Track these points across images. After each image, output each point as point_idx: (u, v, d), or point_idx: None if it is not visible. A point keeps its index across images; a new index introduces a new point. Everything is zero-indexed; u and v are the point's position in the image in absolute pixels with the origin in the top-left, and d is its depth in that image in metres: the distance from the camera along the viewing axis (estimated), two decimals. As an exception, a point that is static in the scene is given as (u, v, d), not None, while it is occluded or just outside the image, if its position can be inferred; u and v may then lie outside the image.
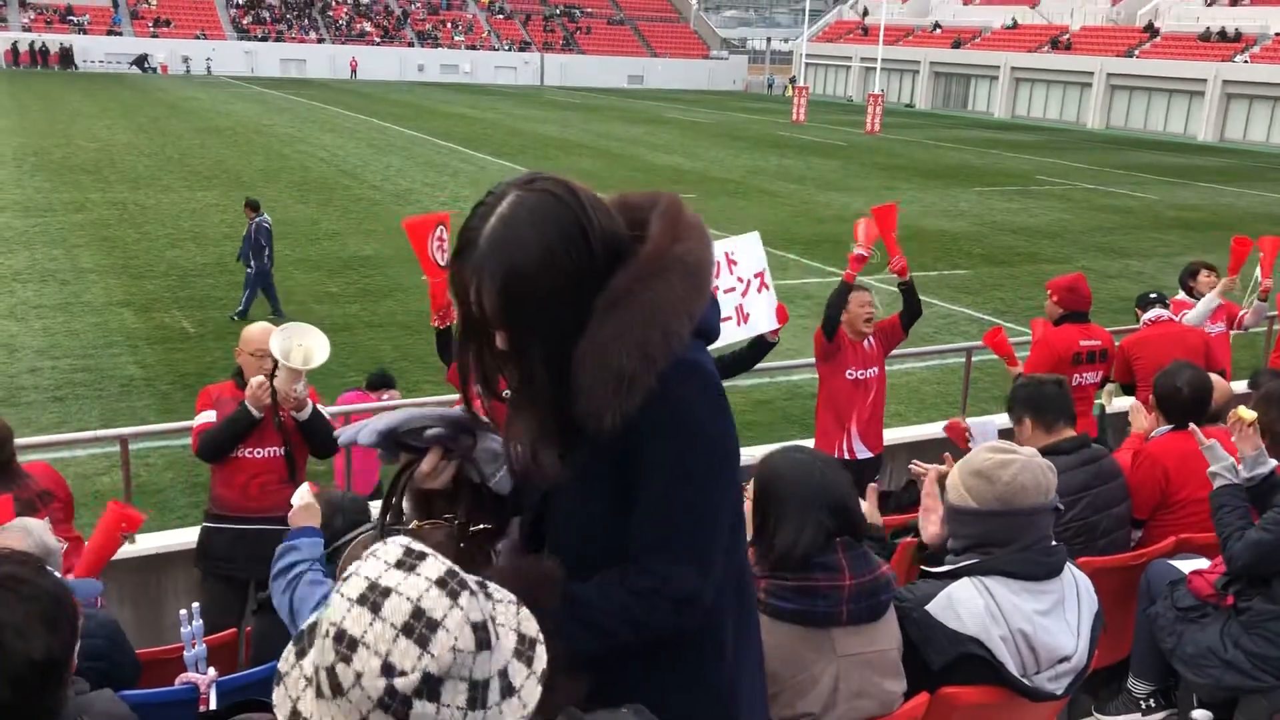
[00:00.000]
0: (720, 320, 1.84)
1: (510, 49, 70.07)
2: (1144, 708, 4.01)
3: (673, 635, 1.73)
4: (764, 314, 5.34)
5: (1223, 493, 3.74)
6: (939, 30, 64.67)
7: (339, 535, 3.05)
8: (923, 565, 2.96)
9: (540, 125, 39.14)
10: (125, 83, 50.98)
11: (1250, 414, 3.74)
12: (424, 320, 7.85)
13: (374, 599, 1.08)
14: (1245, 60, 48.33)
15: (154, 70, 58.97)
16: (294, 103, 44.50)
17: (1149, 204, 25.68)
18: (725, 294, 5.16)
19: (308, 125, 35.53)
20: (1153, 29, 54.28)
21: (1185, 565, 3.92)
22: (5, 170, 22.94)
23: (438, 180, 24.38)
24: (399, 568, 1.11)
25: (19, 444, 4.49)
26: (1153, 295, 6.82)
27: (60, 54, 56.83)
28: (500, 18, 72.93)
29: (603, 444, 1.64)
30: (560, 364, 1.64)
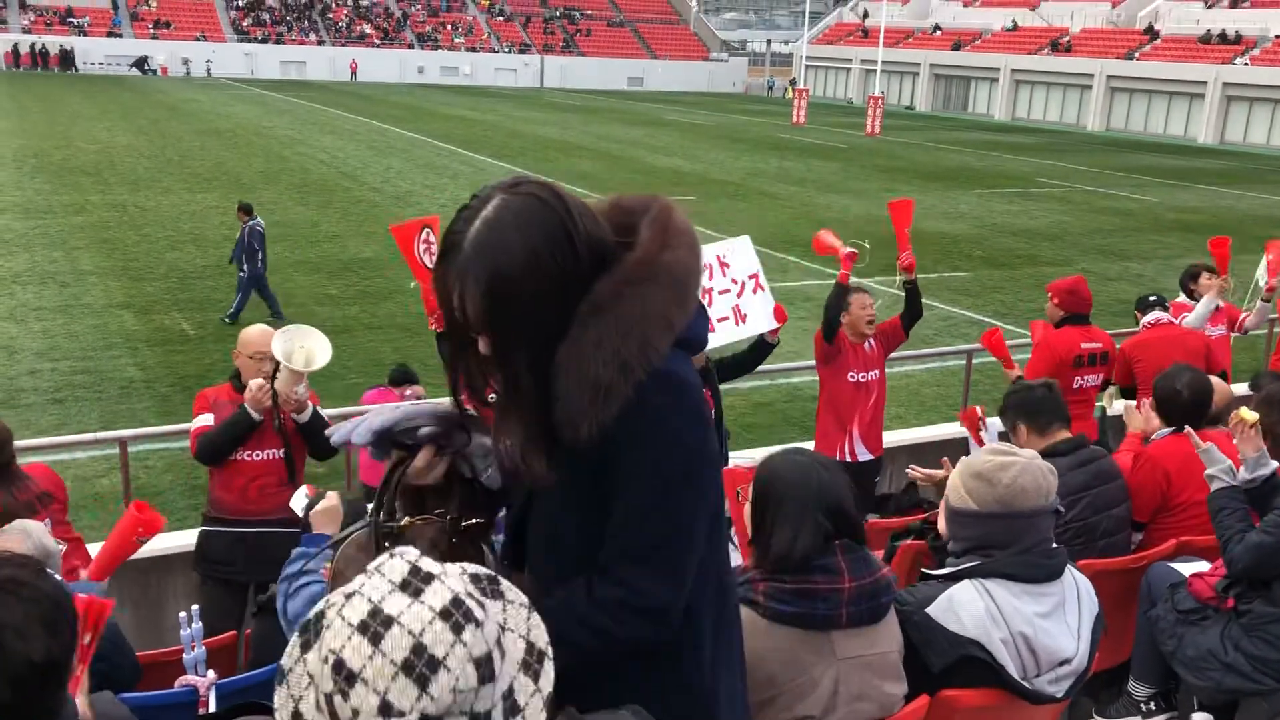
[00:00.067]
0: (707, 330, 1.82)
1: (510, 51, 70.11)
2: (1144, 710, 4.01)
3: (647, 645, 1.70)
4: (762, 314, 5.35)
5: (1220, 495, 3.75)
6: (939, 32, 64.72)
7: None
8: (923, 568, 2.96)
9: (540, 127, 39.15)
10: (125, 85, 51.01)
11: (1252, 415, 3.74)
12: (423, 322, 7.85)
13: (375, 628, 1.04)
14: (1245, 62, 48.36)
15: (154, 72, 59.02)
16: (294, 105, 44.51)
17: (1149, 206, 25.69)
18: (720, 295, 5.18)
19: (308, 127, 35.54)
20: (1153, 31, 54.32)
21: (1186, 568, 3.92)
22: (5, 172, 22.94)
23: (438, 182, 24.38)
24: (404, 590, 1.08)
25: (19, 446, 4.48)
26: (1152, 298, 6.82)
27: (60, 56, 56.88)
28: (500, 20, 72.98)
29: (580, 452, 1.62)
30: (545, 370, 1.63)
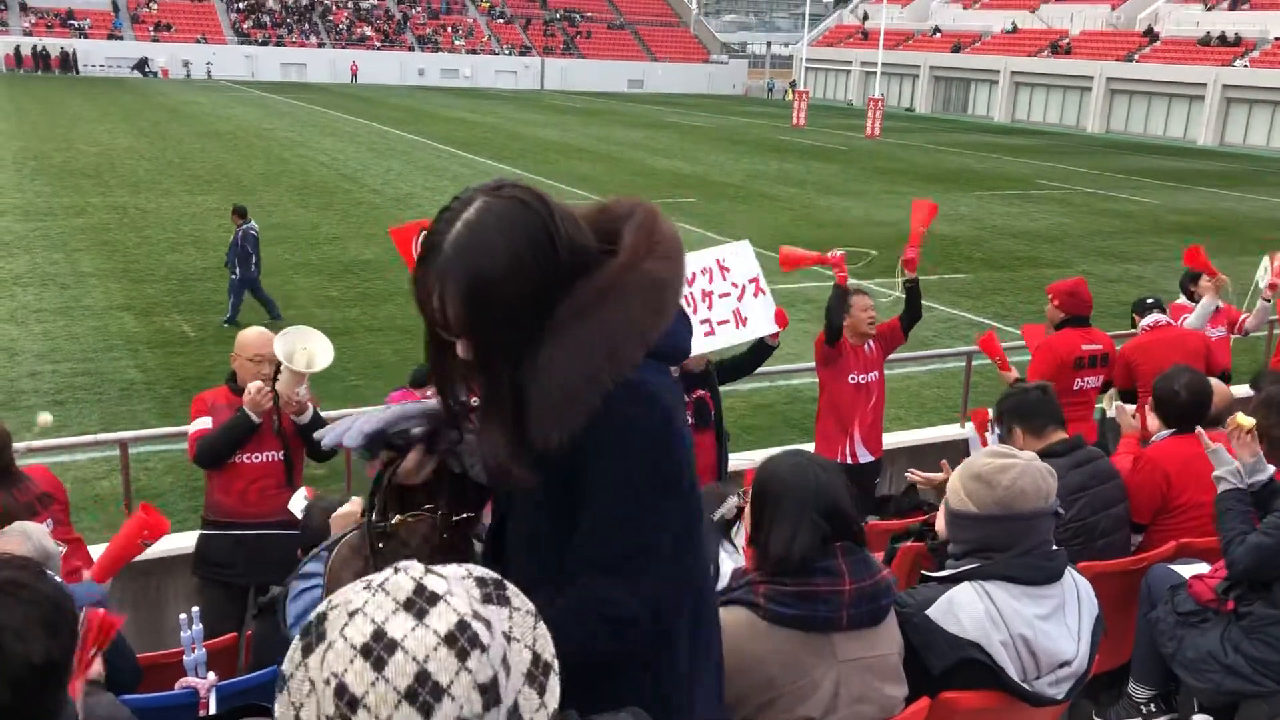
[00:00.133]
0: (688, 340, 1.78)
1: (510, 53, 70.14)
2: (1145, 712, 4.00)
3: (618, 655, 1.69)
4: (763, 317, 5.37)
5: (1227, 497, 3.73)
6: (939, 35, 64.74)
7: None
8: (922, 570, 2.96)
9: (540, 129, 39.16)
10: (126, 87, 51.03)
11: (1248, 421, 3.73)
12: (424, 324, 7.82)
13: (378, 652, 1.01)
14: (1245, 64, 48.38)
15: (155, 74, 59.06)
16: (294, 107, 44.53)
17: (1149, 208, 25.68)
18: (721, 298, 5.20)
19: (308, 129, 35.55)
20: (1152, 33, 54.34)
21: (1186, 570, 3.92)
22: (6, 174, 22.95)
23: (438, 184, 24.38)
24: (408, 610, 1.04)
25: (18, 448, 4.48)
26: (1149, 300, 6.82)
27: (61, 58, 56.93)
28: (500, 22, 73.01)
29: (551, 459, 1.60)
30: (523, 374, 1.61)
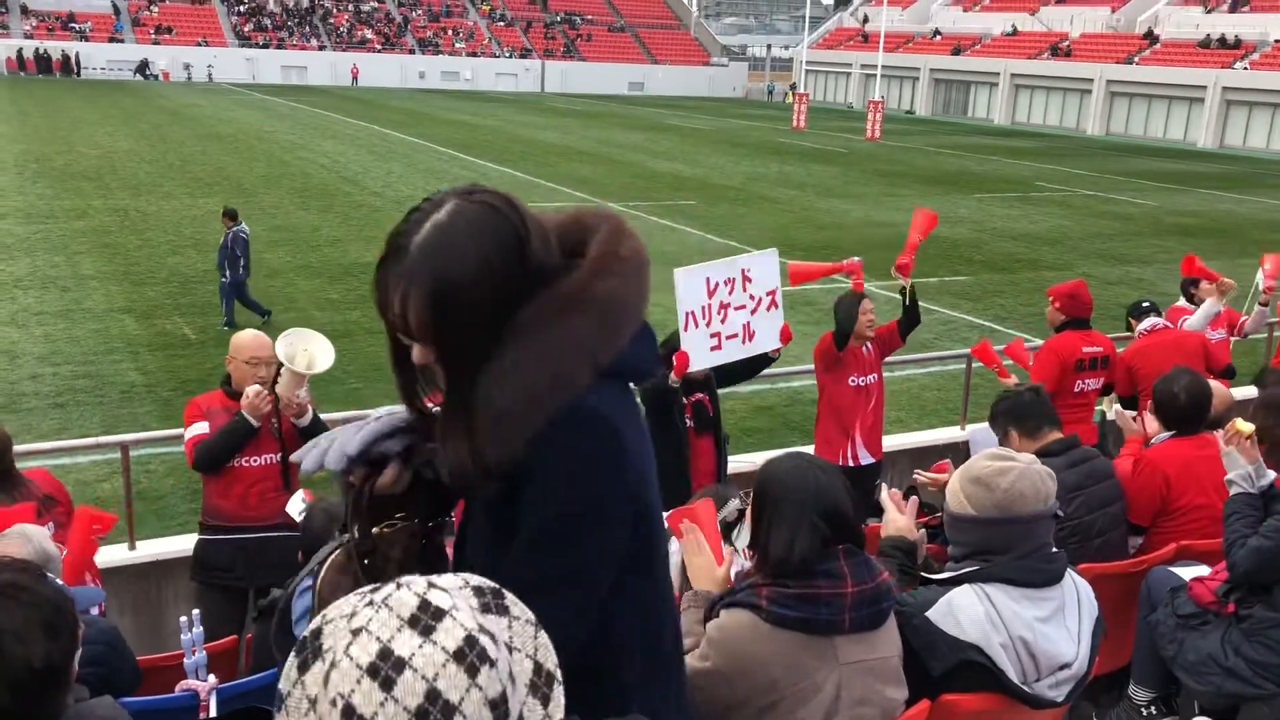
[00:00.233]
0: (651, 358, 1.71)
1: (511, 56, 70.19)
2: (1145, 715, 4.00)
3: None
4: (769, 333, 5.38)
5: (1236, 500, 3.71)
6: (939, 37, 64.77)
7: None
8: (922, 572, 2.96)
9: (541, 132, 39.18)
10: (127, 89, 51.07)
11: (1248, 427, 3.71)
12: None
13: (386, 672, 0.99)
14: (1245, 67, 48.39)
15: (155, 77, 59.10)
16: (295, 109, 44.56)
17: (1149, 210, 25.69)
18: (735, 311, 5.20)
19: (309, 132, 35.57)
20: (1152, 36, 54.36)
21: (1186, 572, 3.92)
22: (7, 177, 22.97)
23: (438, 187, 24.30)
24: (413, 627, 1.02)
25: (20, 450, 4.49)
26: (1145, 304, 6.82)
27: (62, 61, 56.98)
28: (501, 25, 73.06)
29: (495, 475, 1.56)
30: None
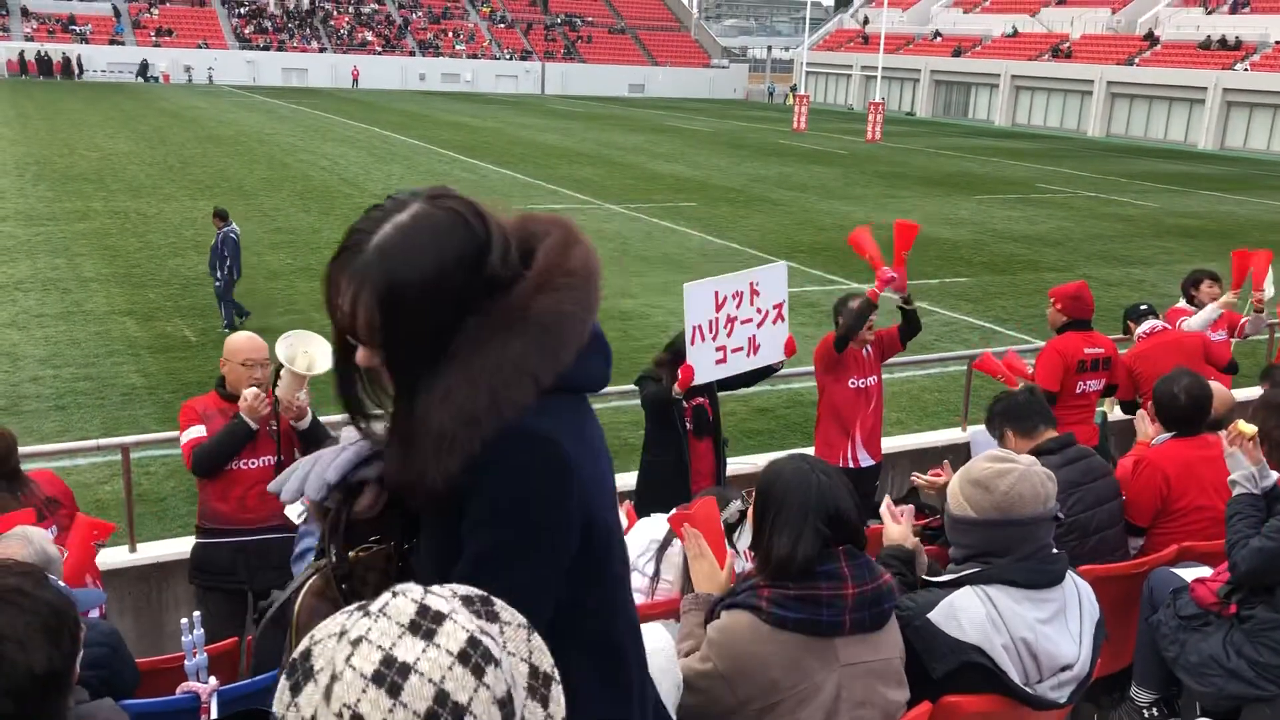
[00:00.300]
0: (600, 371, 1.66)
1: (511, 58, 70.22)
2: (1147, 716, 4.00)
3: None
4: (774, 345, 5.40)
5: (1240, 501, 3.70)
6: (939, 39, 64.79)
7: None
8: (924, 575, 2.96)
9: (541, 134, 39.20)
10: (127, 92, 51.09)
11: (1250, 428, 3.70)
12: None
13: (391, 678, 0.98)
14: (1245, 68, 48.38)
15: (156, 79, 59.13)
16: (296, 112, 44.57)
17: (1150, 212, 25.69)
18: (742, 324, 5.22)
19: (309, 134, 35.58)
20: (1153, 37, 54.36)
21: (1187, 573, 3.91)
22: (7, 179, 22.99)
23: (439, 189, 24.40)
24: (414, 632, 1.01)
25: (21, 452, 4.48)
26: (1143, 307, 6.82)
27: (63, 63, 57.02)
28: (501, 27, 73.10)
29: (435, 494, 1.51)
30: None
